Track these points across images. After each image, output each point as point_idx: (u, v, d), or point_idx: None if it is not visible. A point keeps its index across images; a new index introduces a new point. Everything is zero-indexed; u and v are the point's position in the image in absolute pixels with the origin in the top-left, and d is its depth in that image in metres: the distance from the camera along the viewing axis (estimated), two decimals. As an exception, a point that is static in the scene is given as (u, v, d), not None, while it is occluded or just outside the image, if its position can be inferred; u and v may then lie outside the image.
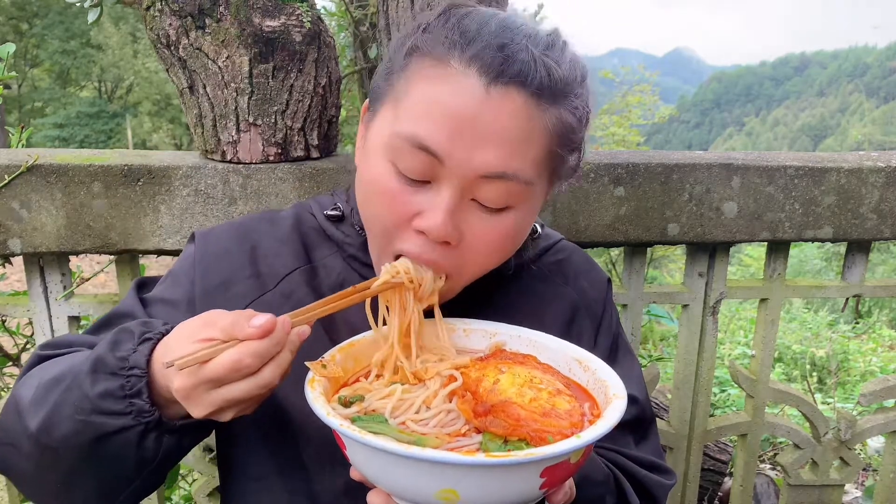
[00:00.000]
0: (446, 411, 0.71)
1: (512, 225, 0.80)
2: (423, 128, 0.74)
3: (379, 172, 0.78)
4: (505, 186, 0.76)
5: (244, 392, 0.67)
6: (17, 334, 1.96)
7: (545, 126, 0.76)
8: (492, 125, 0.73)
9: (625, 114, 9.94)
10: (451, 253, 0.79)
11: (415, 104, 0.75)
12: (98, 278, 1.94)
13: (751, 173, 1.52)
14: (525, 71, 0.73)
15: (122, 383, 0.71)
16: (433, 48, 0.76)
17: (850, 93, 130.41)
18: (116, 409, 0.70)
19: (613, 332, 1.02)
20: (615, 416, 0.66)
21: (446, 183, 0.76)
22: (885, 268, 9.67)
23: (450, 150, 0.73)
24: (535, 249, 1.02)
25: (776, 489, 2.58)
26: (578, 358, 0.81)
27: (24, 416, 0.76)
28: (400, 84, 0.78)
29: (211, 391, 0.67)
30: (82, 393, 0.72)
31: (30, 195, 1.32)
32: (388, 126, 0.78)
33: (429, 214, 0.76)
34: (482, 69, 0.73)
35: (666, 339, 5.30)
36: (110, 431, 0.71)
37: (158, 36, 1.31)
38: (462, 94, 0.73)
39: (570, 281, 1.01)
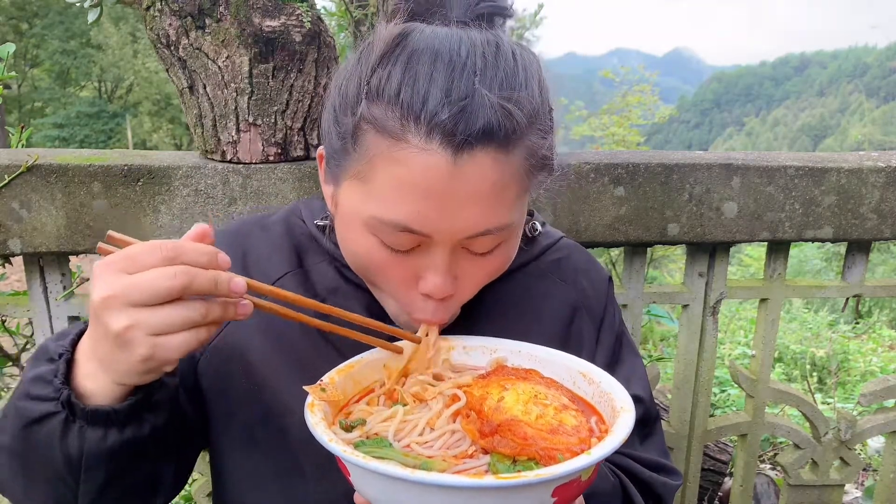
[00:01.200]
0: (451, 432, 0.70)
1: (502, 257, 0.82)
2: (400, 214, 0.72)
3: (367, 246, 0.78)
4: (491, 237, 0.77)
5: (150, 276, 0.61)
6: (17, 334, 1.95)
7: (515, 167, 0.74)
8: (466, 192, 0.71)
9: (625, 114, 9.94)
10: (452, 301, 0.82)
11: (385, 189, 0.73)
12: (98, 278, 1.94)
13: (751, 173, 1.52)
14: (488, 128, 0.69)
15: (53, 368, 0.69)
16: (385, 123, 0.71)
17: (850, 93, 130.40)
18: (42, 393, 0.68)
19: (616, 330, 1.01)
20: (624, 431, 0.65)
21: (436, 247, 0.76)
22: (885, 268, 9.66)
23: (433, 227, 0.73)
24: (535, 248, 1.01)
25: (776, 489, 2.58)
26: (582, 371, 0.79)
27: None
28: (359, 161, 0.75)
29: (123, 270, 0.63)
30: (21, 380, 0.72)
31: (30, 195, 1.32)
32: (359, 205, 0.76)
33: (429, 277, 0.77)
34: (444, 140, 0.69)
35: (666, 339, 5.30)
36: (35, 418, 0.69)
37: (158, 36, 1.31)
38: (430, 172, 0.70)
39: (569, 279, 1.00)
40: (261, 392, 0.87)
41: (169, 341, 0.63)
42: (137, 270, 0.62)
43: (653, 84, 10.81)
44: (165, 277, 0.61)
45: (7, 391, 2.08)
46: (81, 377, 0.69)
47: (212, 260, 0.65)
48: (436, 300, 0.79)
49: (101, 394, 0.69)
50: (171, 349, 0.63)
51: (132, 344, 0.62)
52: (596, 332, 0.99)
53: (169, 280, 0.61)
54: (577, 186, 1.47)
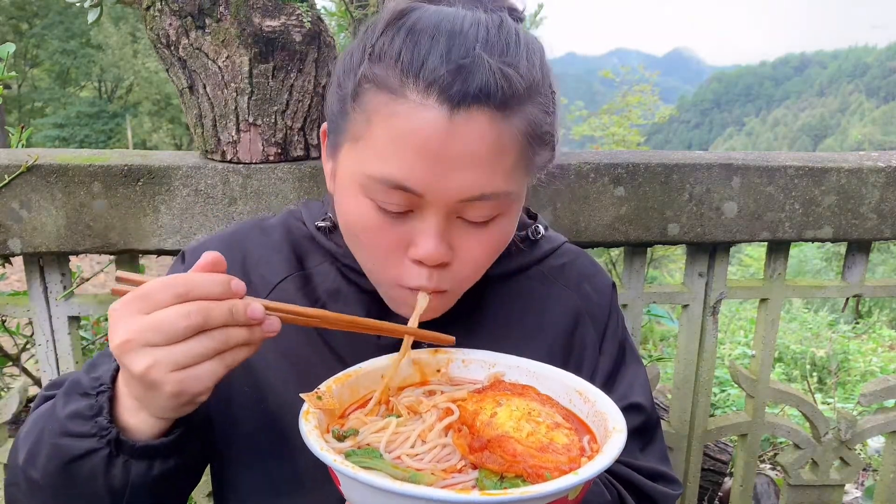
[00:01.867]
0: (441, 445, 0.69)
1: (500, 231, 0.80)
2: (394, 168, 0.72)
3: (360, 211, 0.77)
4: (487, 204, 0.75)
5: (166, 316, 0.62)
6: (17, 334, 1.96)
7: (514, 133, 0.74)
8: (461, 151, 0.71)
9: (625, 114, 9.94)
10: (447, 273, 0.79)
11: (380, 145, 0.73)
12: (98, 278, 1.94)
13: (751, 173, 1.52)
14: (486, 88, 0.70)
15: (91, 403, 0.68)
16: (386, 80, 0.72)
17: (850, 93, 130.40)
18: (83, 430, 0.68)
19: (619, 338, 1.00)
20: (614, 452, 0.65)
21: (429, 210, 0.75)
22: (885, 268, 9.67)
23: (426, 185, 0.72)
24: (538, 251, 0.99)
25: (776, 489, 2.57)
26: (579, 389, 0.79)
27: (18, 450, 0.75)
28: (358, 120, 0.75)
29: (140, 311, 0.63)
30: (55, 415, 0.70)
31: (30, 195, 1.32)
32: (356, 165, 0.76)
33: (421, 242, 0.75)
34: (441, 96, 0.69)
35: (666, 339, 5.30)
36: (77, 455, 0.68)
37: (158, 36, 1.31)
38: (426, 128, 0.70)
39: (573, 285, 0.99)
40: (263, 400, 0.87)
41: (195, 372, 0.63)
42: (152, 310, 0.63)
43: (653, 84, 10.81)
44: (180, 317, 0.62)
45: (7, 391, 2.08)
46: (122, 412, 0.69)
47: (225, 290, 0.65)
48: (428, 267, 0.77)
49: (143, 428, 0.69)
50: (199, 380, 0.63)
51: (158, 383, 0.62)
52: (599, 341, 0.97)
53: (184, 319, 0.62)
54: (577, 186, 1.47)
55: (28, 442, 0.74)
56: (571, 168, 1.46)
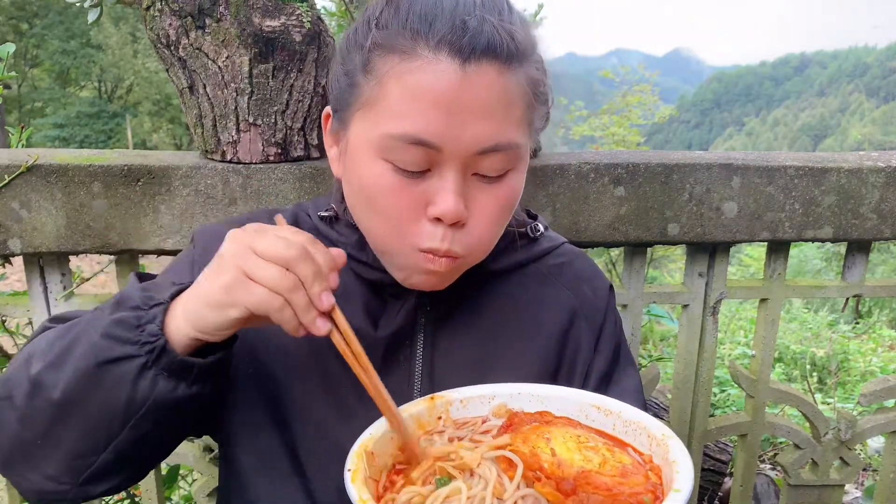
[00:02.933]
0: (522, 497, 0.64)
1: (511, 188, 0.83)
2: (412, 123, 0.75)
3: (376, 173, 0.78)
4: (501, 156, 0.78)
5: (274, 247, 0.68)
6: (17, 334, 1.95)
7: (519, 87, 0.78)
8: (475, 101, 0.75)
9: (625, 114, 9.94)
10: (461, 234, 0.81)
11: (396, 103, 0.76)
12: (98, 278, 1.94)
13: (751, 173, 1.52)
14: (493, 42, 0.74)
15: (139, 314, 0.72)
16: (395, 42, 0.76)
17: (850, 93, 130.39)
18: (125, 336, 0.71)
19: (616, 340, 1.00)
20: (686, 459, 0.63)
21: (447, 166, 0.77)
22: (885, 268, 9.67)
23: (444, 138, 0.75)
24: (537, 249, 1.00)
25: (776, 489, 2.58)
26: (595, 403, 0.75)
27: (32, 361, 0.75)
28: (369, 87, 0.78)
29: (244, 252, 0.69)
30: (99, 322, 0.73)
31: (30, 195, 1.32)
32: (370, 130, 0.78)
33: (439, 199, 0.77)
34: (452, 51, 0.74)
35: (666, 339, 5.30)
36: (113, 357, 0.71)
37: (158, 36, 1.31)
38: (440, 80, 0.74)
39: (570, 286, 0.99)
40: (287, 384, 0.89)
41: (252, 285, 0.68)
42: (273, 231, 0.71)
43: (653, 84, 10.81)
44: (286, 243, 0.69)
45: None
46: (167, 321, 0.73)
47: (328, 265, 0.71)
48: (446, 225, 0.79)
49: (183, 345, 0.73)
50: (248, 292, 0.68)
51: (225, 269, 0.69)
52: (594, 341, 0.98)
53: (286, 247, 0.68)
54: (577, 186, 1.47)
55: (55, 349, 0.74)
56: (571, 168, 1.46)
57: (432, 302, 0.92)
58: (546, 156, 1.51)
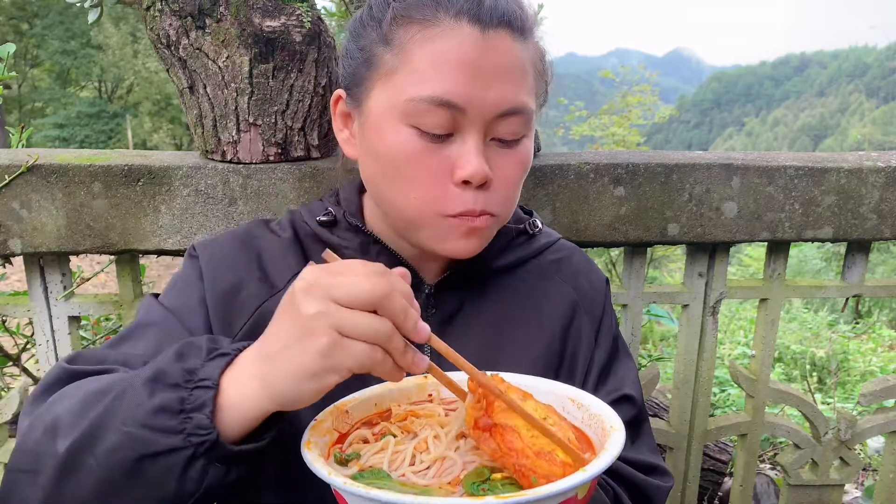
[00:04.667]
0: (442, 459, 0.69)
1: (526, 152, 0.87)
2: (439, 86, 0.78)
3: (402, 139, 0.81)
4: (518, 119, 0.82)
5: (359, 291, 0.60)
6: (17, 334, 1.96)
7: (530, 57, 0.84)
8: (495, 66, 0.79)
9: (625, 114, 9.93)
10: (490, 194, 0.83)
11: (421, 67, 0.79)
12: (98, 278, 1.94)
13: (751, 173, 1.52)
14: (508, 13, 0.81)
15: (182, 396, 0.64)
16: (415, 13, 0.80)
17: (850, 93, 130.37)
18: (169, 425, 0.63)
19: (613, 332, 1.03)
20: (617, 448, 0.66)
21: (469, 130, 0.80)
22: (885, 268, 9.67)
23: (469, 99, 0.78)
24: (535, 245, 1.02)
25: (776, 489, 2.58)
26: (571, 396, 0.80)
27: (57, 435, 0.66)
28: (390, 56, 0.82)
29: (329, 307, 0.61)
30: (135, 402, 0.64)
31: (30, 195, 1.32)
32: (394, 97, 0.81)
33: (465, 162, 0.80)
34: (472, 19, 0.79)
35: (666, 339, 5.30)
36: (156, 451, 0.63)
37: (158, 36, 1.31)
38: (463, 45, 0.78)
39: (569, 280, 1.02)
40: None
41: (350, 344, 0.61)
42: (346, 273, 0.62)
43: (653, 84, 10.80)
44: (367, 282, 0.61)
45: (7, 391, 2.08)
46: (220, 409, 0.64)
47: (409, 297, 0.64)
48: (474, 188, 0.81)
49: (234, 428, 0.65)
50: (349, 353, 0.61)
51: (315, 332, 0.60)
52: (594, 334, 1.00)
53: (371, 286, 0.61)
54: (577, 186, 1.47)
55: (82, 423, 0.65)
56: (571, 168, 1.46)
57: (437, 302, 0.94)
58: (546, 156, 1.51)
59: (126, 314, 1.50)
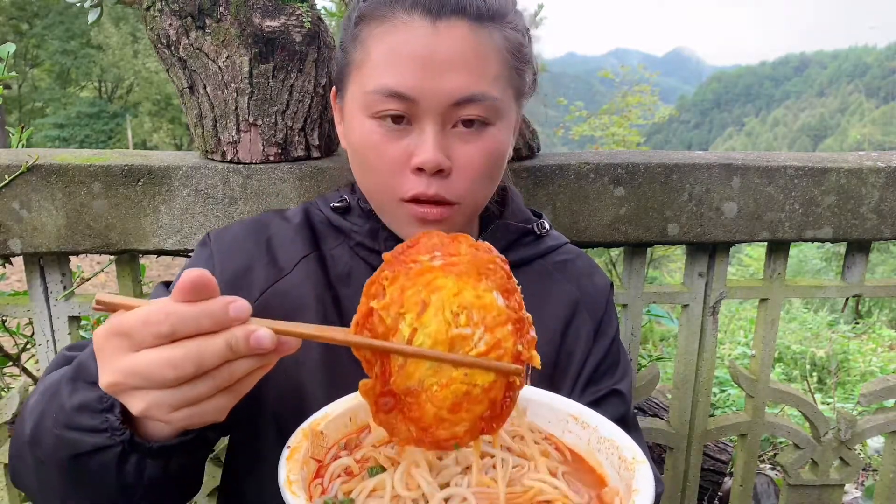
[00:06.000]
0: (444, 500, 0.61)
1: (493, 140, 0.86)
2: (389, 77, 0.81)
3: (364, 130, 0.85)
4: (477, 107, 0.83)
5: (150, 364, 0.53)
6: (17, 334, 1.95)
7: (495, 45, 0.84)
8: (447, 54, 0.80)
9: (625, 114, 9.92)
10: (448, 182, 0.85)
11: (377, 62, 0.83)
12: (98, 278, 1.94)
13: (751, 173, 1.52)
14: (462, 2, 0.81)
15: (100, 395, 0.63)
16: (376, 10, 0.84)
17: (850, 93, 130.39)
18: (91, 424, 0.63)
19: (613, 335, 1.03)
20: (650, 489, 0.59)
21: (425, 119, 0.82)
22: (885, 268, 9.67)
23: (419, 89, 0.80)
24: (542, 245, 1.04)
25: (776, 489, 2.58)
26: (574, 413, 0.73)
27: (24, 422, 0.71)
28: (356, 54, 0.86)
29: (122, 350, 0.55)
30: (60, 403, 0.65)
31: (30, 195, 1.32)
32: (358, 91, 0.85)
33: (420, 150, 0.83)
34: (424, 11, 0.81)
35: (666, 339, 5.30)
36: (85, 451, 0.64)
37: (158, 36, 1.31)
38: (414, 37, 0.81)
39: (572, 280, 1.03)
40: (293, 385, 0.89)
41: (201, 409, 0.56)
42: (134, 350, 0.55)
43: (653, 84, 10.79)
44: (167, 367, 0.53)
45: (7, 391, 2.08)
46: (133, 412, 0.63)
47: (218, 321, 0.55)
48: (428, 175, 0.83)
49: (157, 430, 0.65)
50: (206, 414, 0.57)
51: (162, 420, 0.57)
52: (594, 332, 1.01)
53: (172, 370, 0.53)
54: (577, 186, 1.47)
55: (31, 419, 0.69)
56: (571, 168, 1.46)
57: None
58: (546, 156, 1.51)
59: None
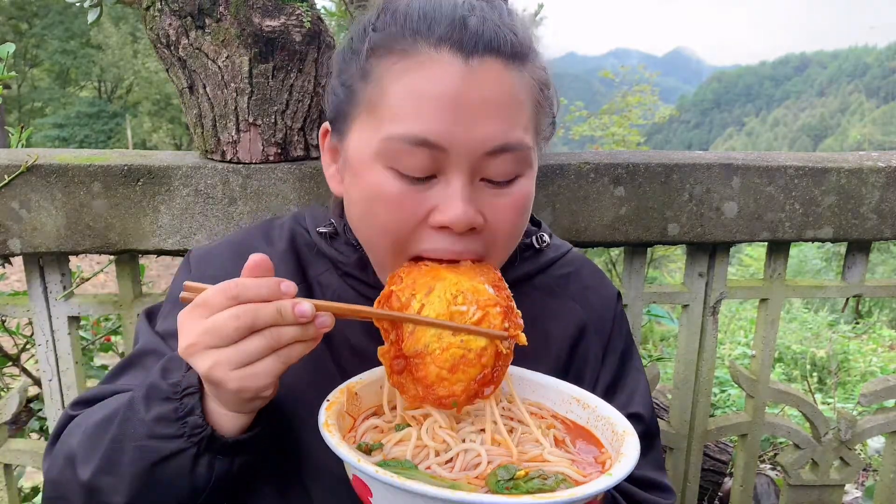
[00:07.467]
0: (464, 451, 0.70)
1: (524, 193, 0.79)
2: (417, 123, 0.71)
3: (378, 182, 0.74)
4: (510, 157, 0.75)
5: (218, 319, 0.65)
6: (17, 334, 1.96)
7: (526, 87, 0.76)
8: (481, 97, 0.71)
9: (625, 114, 9.92)
10: (477, 238, 0.77)
11: (398, 103, 0.72)
12: (98, 278, 1.94)
13: (751, 173, 1.52)
14: (496, 38, 0.72)
15: (175, 406, 0.71)
16: (394, 43, 0.73)
17: (850, 93, 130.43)
18: (170, 432, 0.71)
19: (622, 347, 1.00)
20: (635, 452, 0.68)
21: (454, 170, 0.73)
22: (885, 268, 9.67)
23: (451, 137, 0.71)
24: (543, 259, 0.99)
25: (776, 489, 2.57)
26: (576, 396, 0.81)
27: (77, 465, 0.75)
28: (369, 91, 0.75)
29: (201, 317, 0.66)
30: (137, 419, 0.72)
31: (30, 195, 1.32)
32: (372, 136, 0.75)
33: (447, 207, 0.73)
34: (454, 47, 0.71)
35: (666, 339, 5.30)
36: (165, 456, 0.71)
37: (158, 36, 1.31)
38: (443, 77, 0.71)
39: (578, 297, 0.99)
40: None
41: (253, 370, 0.66)
42: (210, 314, 0.66)
43: (653, 84, 10.79)
44: (231, 318, 0.65)
45: (7, 391, 2.08)
46: (209, 411, 0.72)
47: (273, 292, 0.67)
48: (454, 234, 0.74)
49: (227, 423, 0.72)
50: (257, 377, 0.66)
51: (221, 381, 0.66)
52: (602, 352, 0.97)
53: (234, 321, 0.65)
54: (576, 186, 1.47)
55: (98, 452, 0.74)
56: (571, 168, 1.46)
57: None
58: (546, 156, 1.50)
59: (125, 314, 1.50)
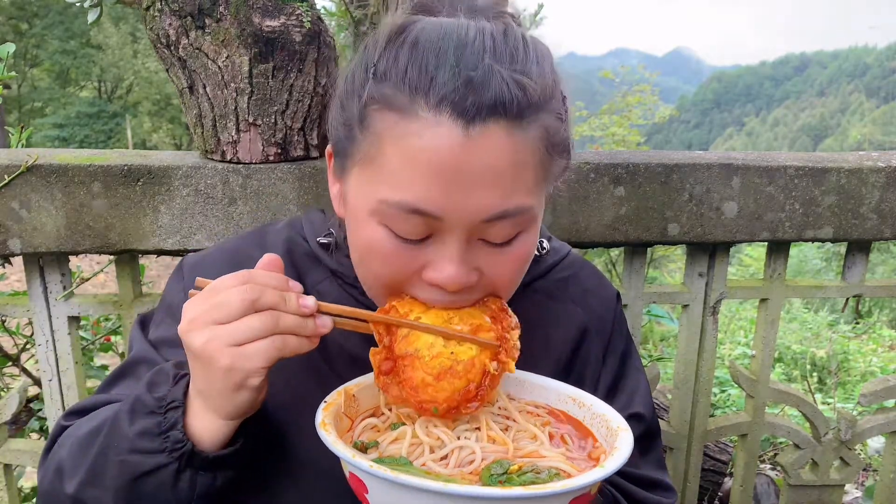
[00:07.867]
0: (459, 448, 0.71)
1: (524, 249, 0.77)
2: (411, 192, 0.68)
3: (373, 238, 0.73)
4: (510, 222, 0.72)
5: (222, 295, 0.67)
6: (17, 334, 1.96)
7: (532, 144, 0.71)
8: (479, 168, 0.67)
9: (625, 114, 9.93)
10: (474, 290, 0.76)
11: (394, 168, 0.69)
12: (98, 278, 1.94)
13: (751, 173, 1.52)
14: (500, 99, 0.67)
15: (158, 420, 0.71)
16: (394, 99, 0.69)
17: (850, 93, 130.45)
18: (152, 447, 0.71)
19: (622, 349, 1.00)
20: (628, 447, 0.68)
21: (449, 234, 0.71)
22: (885, 268, 9.67)
23: (445, 207, 0.68)
24: (542, 265, 0.99)
25: (776, 489, 2.57)
26: (572, 395, 0.82)
27: (64, 477, 0.76)
28: (368, 143, 0.72)
29: (208, 298, 0.68)
30: (121, 433, 0.72)
31: (30, 195, 1.32)
32: (367, 193, 0.73)
33: (440, 266, 0.72)
34: (455, 111, 0.66)
35: (666, 339, 5.30)
36: (146, 471, 0.71)
37: (158, 36, 1.31)
38: (441, 146, 0.66)
39: (578, 300, 0.98)
40: None
41: (247, 350, 0.66)
42: (216, 295, 0.68)
43: (653, 84, 10.80)
44: (237, 292, 0.67)
45: (7, 391, 2.08)
46: (190, 422, 0.72)
47: (281, 284, 0.70)
48: (450, 292, 0.74)
49: (209, 436, 0.72)
50: (249, 358, 0.66)
51: (214, 357, 0.66)
52: (602, 354, 0.97)
53: (239, 294, 0.67)
54: (577, 186, 1.47)
55: (84, 464, 0.75)
56: (571, 168, 1.46)
57: None
58: (546, 156, 1.51)
59: (125, 314, 1.50)
